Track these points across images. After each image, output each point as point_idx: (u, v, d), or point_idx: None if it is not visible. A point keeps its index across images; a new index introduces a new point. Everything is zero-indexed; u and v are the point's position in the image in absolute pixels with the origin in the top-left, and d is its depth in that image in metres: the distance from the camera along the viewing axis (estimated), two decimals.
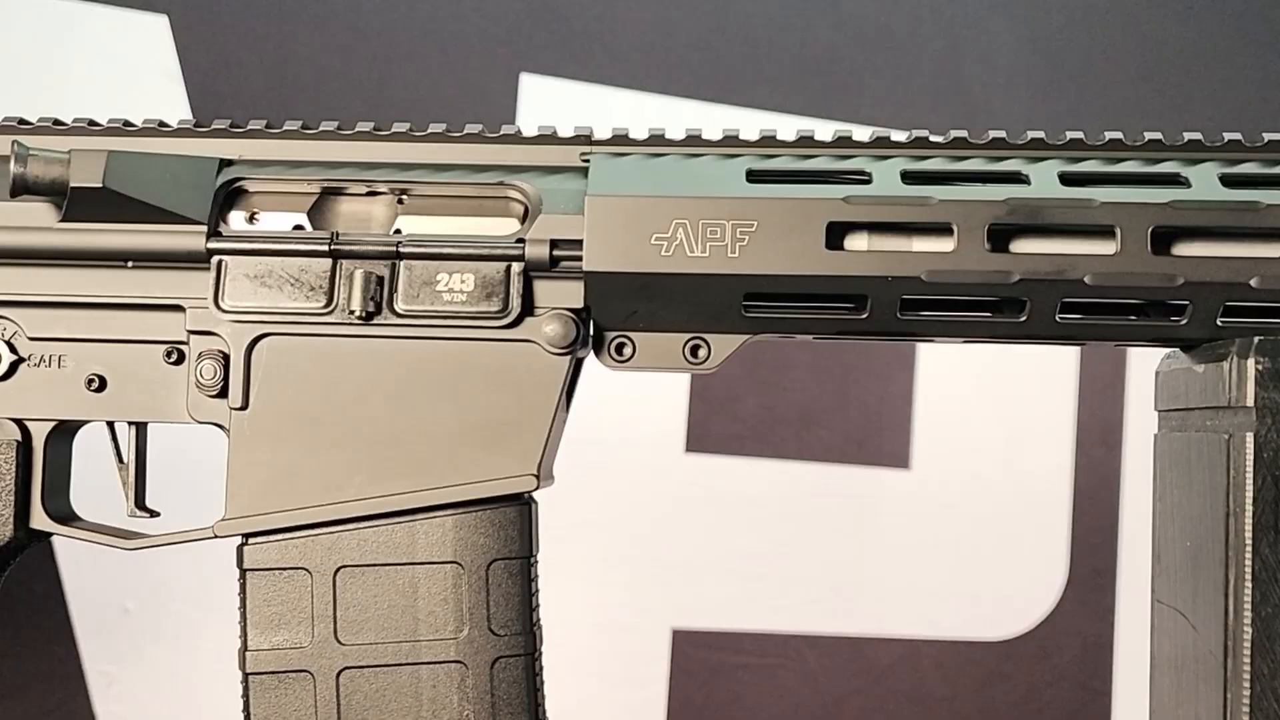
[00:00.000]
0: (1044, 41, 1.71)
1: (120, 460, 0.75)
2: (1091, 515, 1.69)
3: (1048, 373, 1.69)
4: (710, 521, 1.57)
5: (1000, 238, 0.68)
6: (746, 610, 1.59)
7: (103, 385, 0.74)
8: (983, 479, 1.65)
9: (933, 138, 0.72)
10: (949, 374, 1.66)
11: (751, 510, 1.59)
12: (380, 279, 0.71)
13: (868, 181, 0.70)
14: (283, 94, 1.46)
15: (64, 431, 0.75)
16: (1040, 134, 0.71)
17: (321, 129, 0.75)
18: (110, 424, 0.75)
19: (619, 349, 0.73)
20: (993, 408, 1.67)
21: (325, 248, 0.71)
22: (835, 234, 0.68)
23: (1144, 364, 1.25)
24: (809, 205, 0.68)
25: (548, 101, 1.53)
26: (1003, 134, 0.72)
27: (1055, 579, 1.68)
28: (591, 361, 0.74)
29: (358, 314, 0.70)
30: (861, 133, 0.73)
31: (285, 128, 0.75)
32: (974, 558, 1.64)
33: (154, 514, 0.76)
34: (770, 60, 1.62)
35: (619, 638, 1.55)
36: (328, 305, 0.71)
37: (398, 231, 0.73)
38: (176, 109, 1.41)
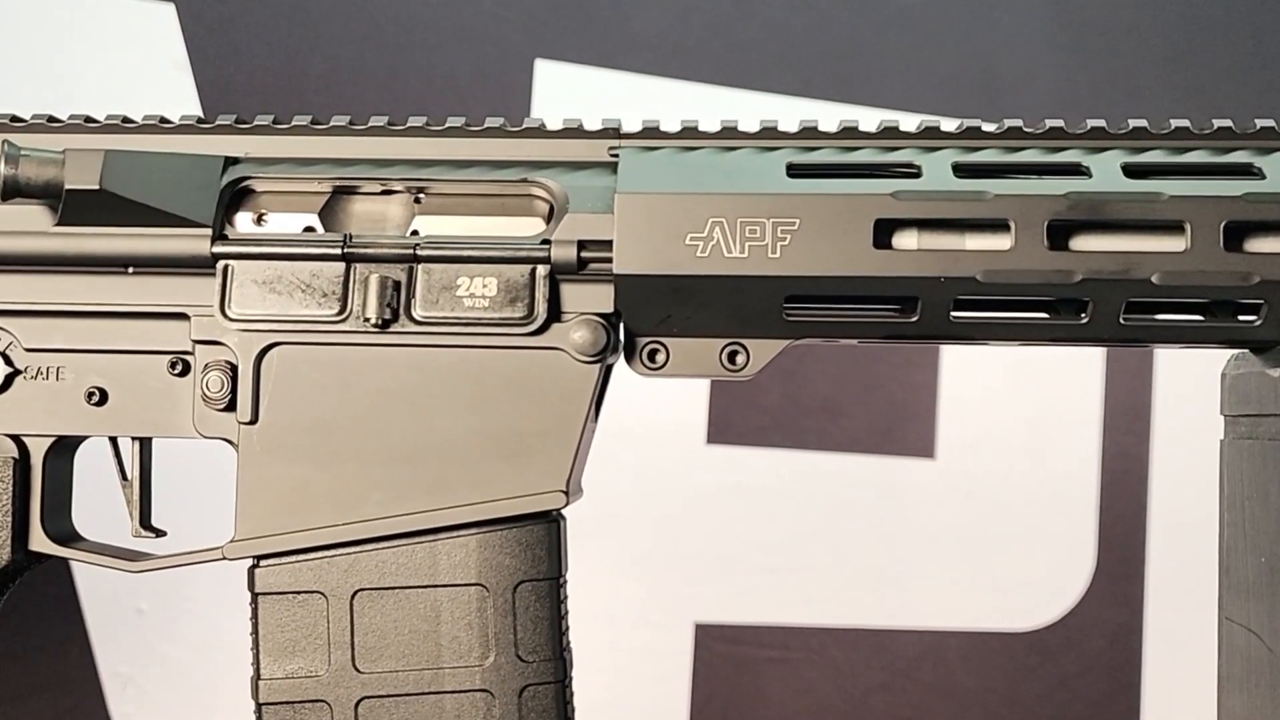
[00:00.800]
0: (1068, 21, 1.65)
1: (124, 477, 0.70)
2: (1119, 503, 1.65)
3: (1074, 359, 1.64)
4: (732, 514, 1.53)
5: (1060, 235, 0.63)
6: (770, 604, 1.55)
7: (104, 398, 0.69)
8: (1009, 468, 1.61)
9: (985, 127, 0.67)
10: (974, 362, 1.61)
11: (775, 502, 1.55)
12: (397, 284, 0.66)
13: (917, 175, 0.64)
14: (293, 83, 1.42)
15: (64, 448, 0.70)
16: (1100, 122, 0.66)
17: (333, 124, 0.69)
18: (113, 439, 0.70)
19: (651, 356, 0.68)
20: (1018, 395, 1.62)
21: (338, 251, 0.66)
22: (883, 232, 0.63)
23: (1172, 349, 1.21)
24: (855, 201, 0.63)
25: (564, 88, 1.48)
26: (1060, 123, 0.66)
27: (1083, 568, 1.64)
28: (619, 365, 0.69)
29: (373, 321, 0.65)
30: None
31: (294, 123, 0.69)
32: (1000, 547, 1.60)
33: (160, 533, 0.71)
34: (789, 44, 1.57)
35: (640, 633, 1.50)
36: (341, 312, 0.66)
37: (415, 233, 0.68)
38: (185, 100, 1.37)
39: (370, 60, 1.43)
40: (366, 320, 0.65)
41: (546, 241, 0.65)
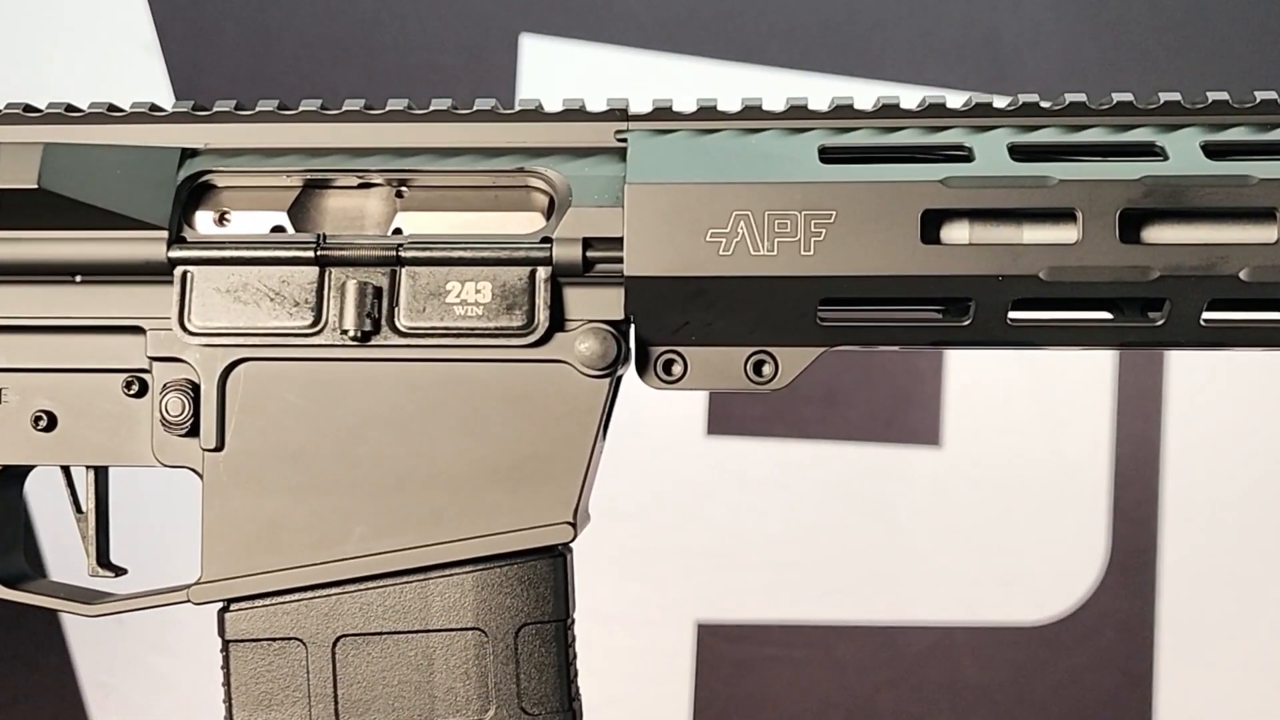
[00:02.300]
0: None
1: (78, 510, 0.62)
2: (1132, 491, 1.60)
3: None
4: (733, 507, 1.48)
5: (1134, 225, 0.55)
6: (772, 600, 1.50)
7: (52, 423, 0.61)
8: (1017, 455, 1.56)
9: (1043, 103, 0.59)
10: None
11: (776, 494, 1.50)
12: (378, 290, 0.57)
13: (969, 159, 0.57)
14: (267, 64, 1.34)
15: (10, 478, 0.63)
16: (1175, 96, 0.58)
17: (303, 109, 0.61)
18: (64, 468, 0.61)
19: (667, 367, 0.60)
20: (1026, 379, 1.57)
21: (310, 253, 0.58)
22: (931, 224, 0.55)
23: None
24: (899, 190, 0.55)
25: (550, 65, 1.40)
26: (1129, 97, 0.58)
27: (1095, 558, 1.59)
28: (629, 375, 0.61)
29: (351, 333, 0.57)
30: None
31: (259, 109, 0.61)
32: (1009, 538, 1.56)
33: (120, 571, 0.63)
34: (783, 14, 1.50)
35: (640, 632, 1.45)
36: (315, 323, 0.58)
37: (397, 231, 0.60)
38: (154, 84, 1.29)
39: (345, 38, 1.35)
40: (344, 332, 0.57)
41: (547, 240, 0.57)
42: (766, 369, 0.60)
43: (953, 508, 1.54)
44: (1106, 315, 0.58)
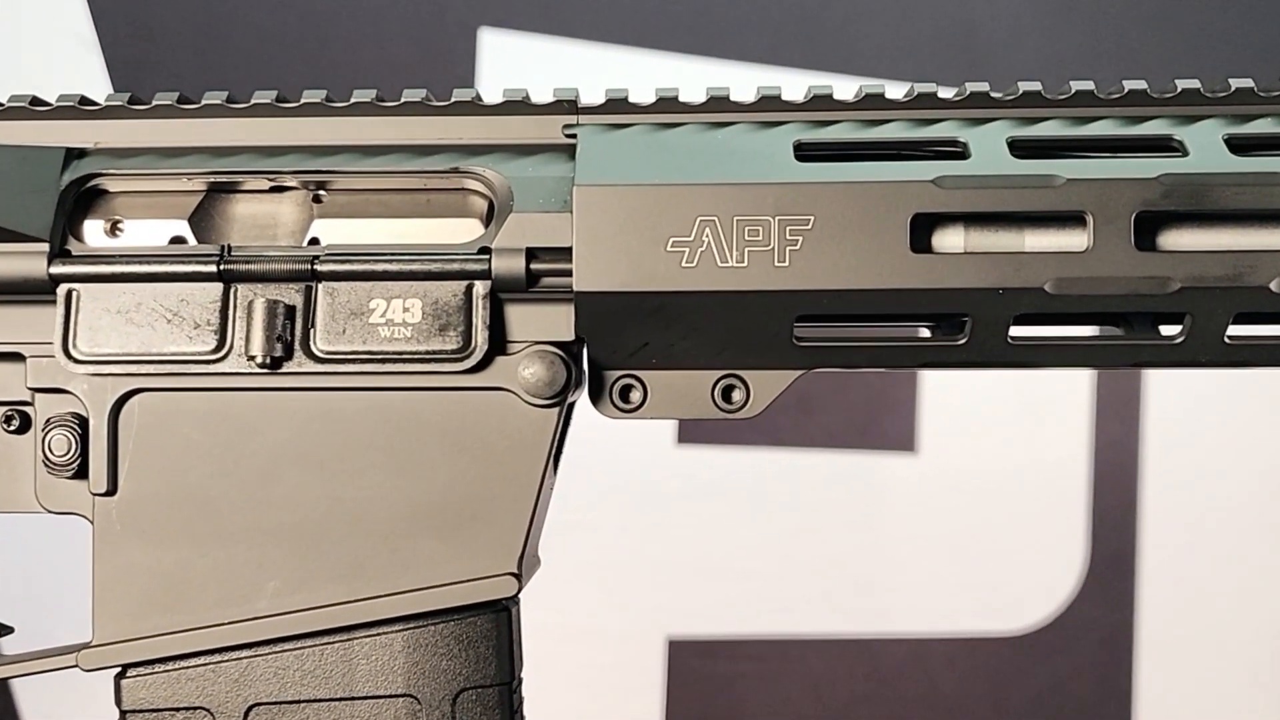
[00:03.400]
0: None
1: None
2: (1111, 496, 1.55)
3: None
4: (704, 518, 1.42)
5: (1150, 230, 0.48)
6: (745, 614, 1.45)
7: None
8: (994, 461, 1.51)
9: (1045, 93, 0.51)
10: None
11: (748, 504, 1.45)
12: (290, 309, 0.49)
13: (964, 155, 0.49)
14: (212, 58, 1.27)
15: None
16: (1194, 83, 0.51)
17: (206, 103, 0.53)
18: None
19: (625, 394, 0.52)
20: (1003, 384, 1.52)
21: (213, 268, 0.49)
22: (922, 230, 0.48)
23: None
24: (885, 191, 0.47)
25: (512, 60, 1.34)
26: (1142, 85, 0.51)
27: (1073, 565, 1.54)
28: (582, 401, 0.54)
29: (259, 359, 0.49)
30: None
31: (157, 103, 0.53)
32: (987, 545, 1.51)
33: (5, 630, 0.55)
34: (756, 7, 1.44)
35: (609, 648, 1.39)
36: (219, 348, 0.49)
37: (314, 241, 0.52)
38: (93, 81, 1.21)
39: (296, 32, 1.28)
40: (251, 358, 0.49)
41: (485, 250, 0.49)
42: (737, 394, 0.52)
43: (929, 516, 1.50)
44: (1115, 331, 0.51)
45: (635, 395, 0.52)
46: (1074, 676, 1.53)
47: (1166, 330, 0.50)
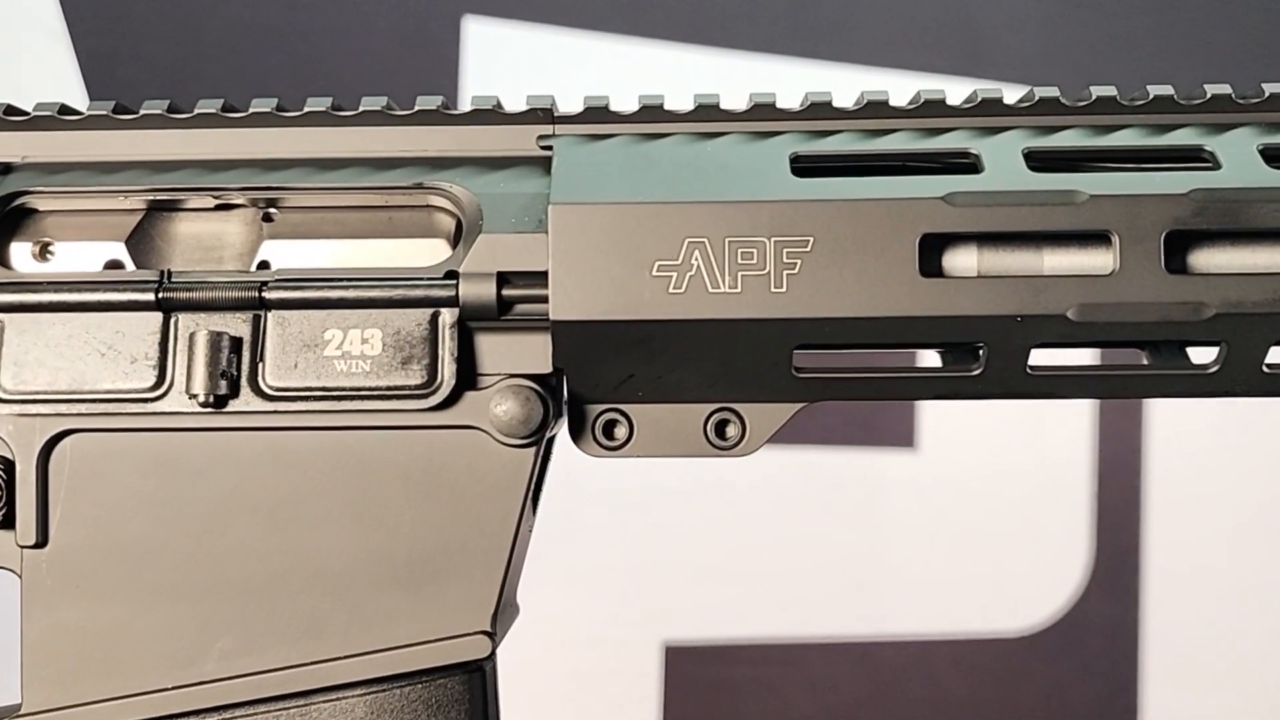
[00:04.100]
0: None
1: None
2: (1115, 489, 1.51)
3: None
4: (699, 520, 1.38)
5: (1181, 249, 0.43)
6: (743, 617, 1.41)
7: None
8: (996, 457, 1.47)
9: (1063, 99, 0.46)
10: None
11: (744, 503, 1.41)
12: (236, 341, 0.45)
13: (976, 168, 0.44)
14: (187, 49, 1.21)
15: None
16: (1225, 89, 0.46)
17: (145, 113, 0.48)
18: None
19: (608, 430, 0.47)
20: None
21: (151, 295, 0.45)
22: (932, 251, 0.43)
23: None
24: (892, 210, 0.43)
25: (497, 50, 1.28)
26: (1169, 90, 0.46)
27: (1078, 563, 1.51)
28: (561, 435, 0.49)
29: (202, 397, 0.44)
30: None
31: (91, 113, 0.48)
32: (990, 544, 1.47)
33: None
34: None
35: (603, 654, 1.35)
36: (158, 385, 0.45)
37: (263, 265, 0.47)
38: (62, 76, 1.16)
39: (274, 23, 1.23)
40: (193, 396, 0.44)
41: (452, 274, 0.45)
42: (731, 430, 0.47)
43: (930, 514, 1.46)
44: (1147, 360, 0.46)
45: (620, 431, 0.47)
46: (1081, 676, 1.50)
47: (1198, 358, 0.45)
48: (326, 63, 1.24)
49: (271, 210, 0.47)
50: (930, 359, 0.50)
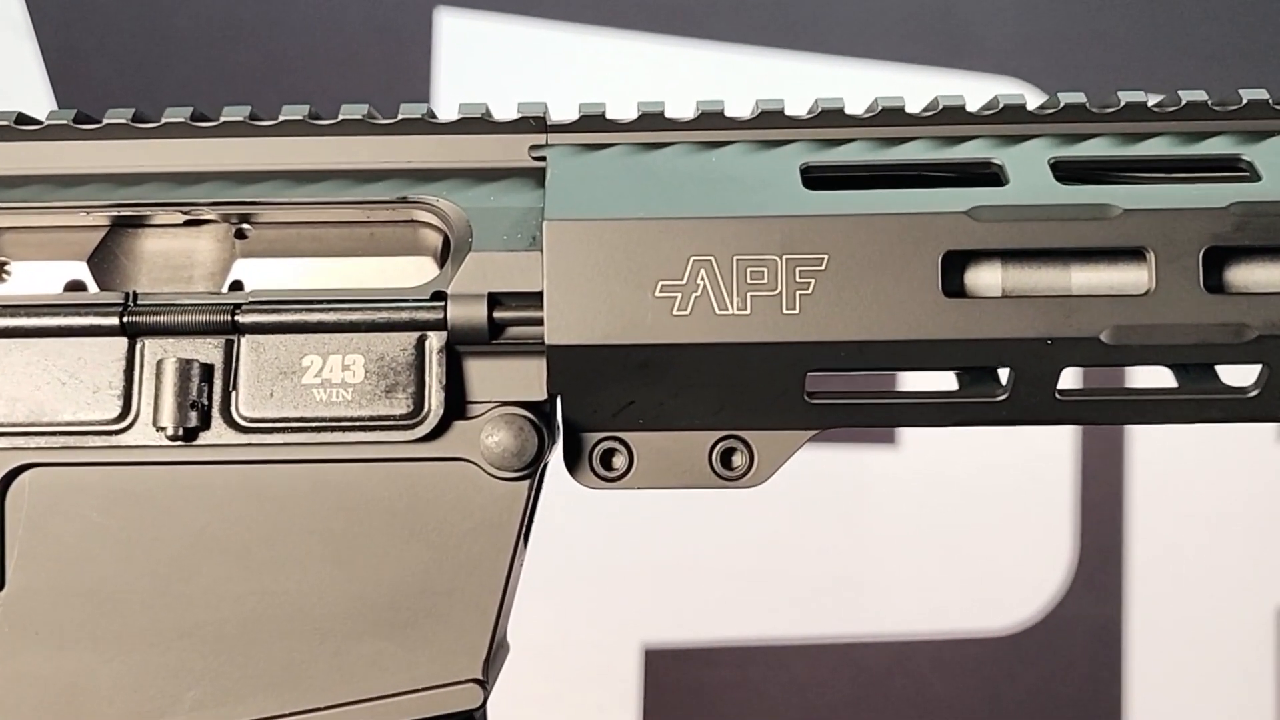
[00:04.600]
0: None
1: None
2: (1098, 486, 1.50)
3: None
4: (677, 519, 1.35)
5: (1219, 267, 0.40)
6: (723, 618, 1.39)
7: None
8: (978, 454, 1.45)
9: (1089, 106, 0.44)
10: None
11: (723, 502, 1.36)
12: (207, 369, 0.41)
13: (999, 180, 0.41)
14: (155, 45, 1.18)
15: None
16: (1261, 94, 0.43)
17: (109, 122, 0.44)
18: None
19: (607, 459, 0.45)
20: None
21: (115, 319, 0.41)
22: (954, 270, 0.40)
23: None
24: (912, 225, 0.40)
25: (471, 43, 1.25)
26: (1201, 95, 0.43)
27: (1061, 560, 1.50)
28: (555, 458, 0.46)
29: (170, 430, 0.41)
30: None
31: (50, 122, 0.44)
32: (971, 543, 1.46)
33: None
34: None
35: (581, 658, 1.34)
36: (123, 416, 0.41)
37: (236, 286, 0.44)
38: (25, 71, 1.13)
39: (243, 18, 1.20)
40: (161, 428, 0.41)
41: (440, 295, 0.41)
42: (738, 459, 0.45)
43: (911, 512, 1.45)
44: (1179, 384, 0.44)
45: (619, 461, 0.44)
46: (1064, 674, 1.49)
47: (1232, 379, 0.43)
48: (297, 57, 1.21)
49: (245, 226, 0.44)
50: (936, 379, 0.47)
